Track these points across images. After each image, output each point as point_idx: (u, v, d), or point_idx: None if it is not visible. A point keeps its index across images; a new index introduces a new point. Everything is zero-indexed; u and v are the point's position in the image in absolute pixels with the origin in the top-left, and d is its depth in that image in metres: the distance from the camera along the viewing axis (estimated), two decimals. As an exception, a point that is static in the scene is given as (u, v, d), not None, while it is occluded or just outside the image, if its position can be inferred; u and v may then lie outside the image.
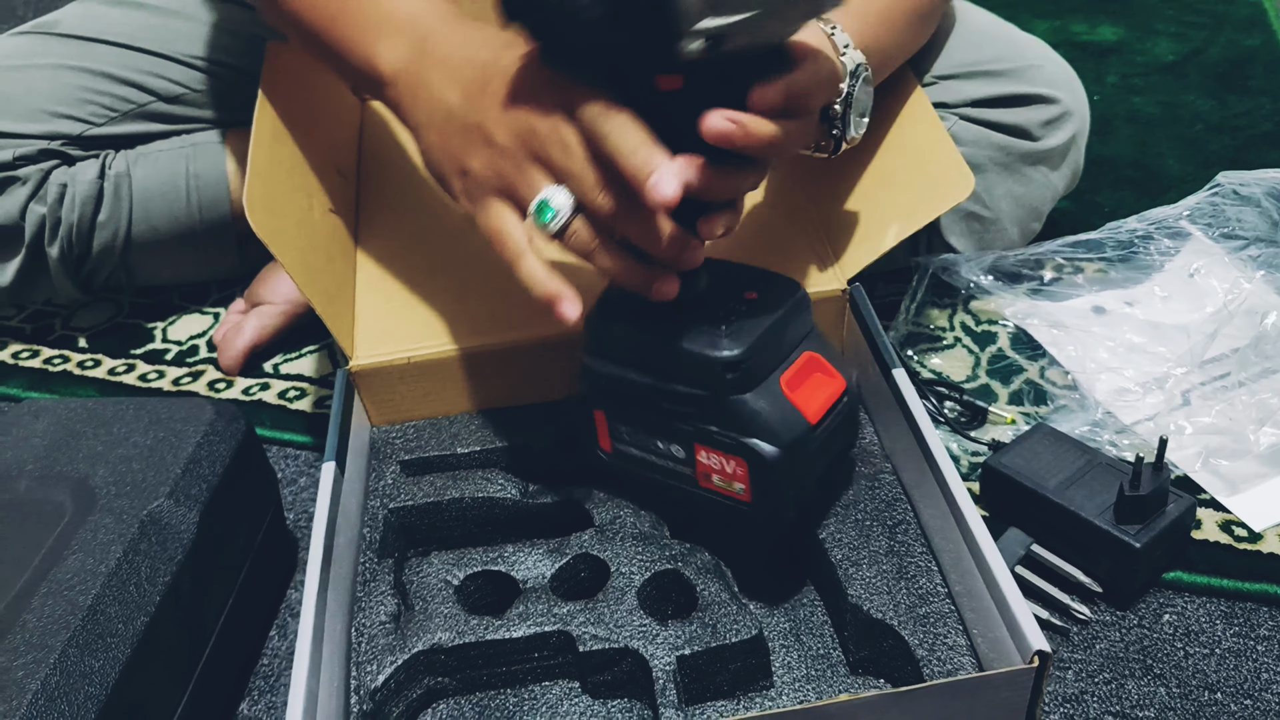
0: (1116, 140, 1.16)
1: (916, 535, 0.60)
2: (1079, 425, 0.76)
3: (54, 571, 0.57)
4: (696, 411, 0.55)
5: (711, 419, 0.54)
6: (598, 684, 0.58)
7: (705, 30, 0.44)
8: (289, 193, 0.72)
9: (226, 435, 0.67)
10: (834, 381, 0.57)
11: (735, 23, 0.44)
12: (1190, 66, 1.30)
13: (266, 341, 0.94)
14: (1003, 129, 0.85)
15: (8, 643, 0.53)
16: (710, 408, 0.54)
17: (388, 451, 0.70)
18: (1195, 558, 0.68)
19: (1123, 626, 0.65)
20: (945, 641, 0.55)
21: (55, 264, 0.94)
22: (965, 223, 0.88)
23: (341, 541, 0.61)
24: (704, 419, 0.55)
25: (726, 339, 0.53)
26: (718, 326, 0.54)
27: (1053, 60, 0.87)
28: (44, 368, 0.98)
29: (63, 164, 0.93)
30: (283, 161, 0.73)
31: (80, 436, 0.66)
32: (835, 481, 0.64)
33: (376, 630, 0.59)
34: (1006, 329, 0.87)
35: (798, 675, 0.58)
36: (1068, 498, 0.67)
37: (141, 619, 0.56)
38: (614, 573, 0.59)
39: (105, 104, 0.93)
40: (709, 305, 0.55)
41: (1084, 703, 0.61)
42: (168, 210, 0.95)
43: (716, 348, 0.53)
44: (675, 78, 0.48)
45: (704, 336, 0.54)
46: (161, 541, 0.60)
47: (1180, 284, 0.85)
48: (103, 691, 0.53)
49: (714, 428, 0.54)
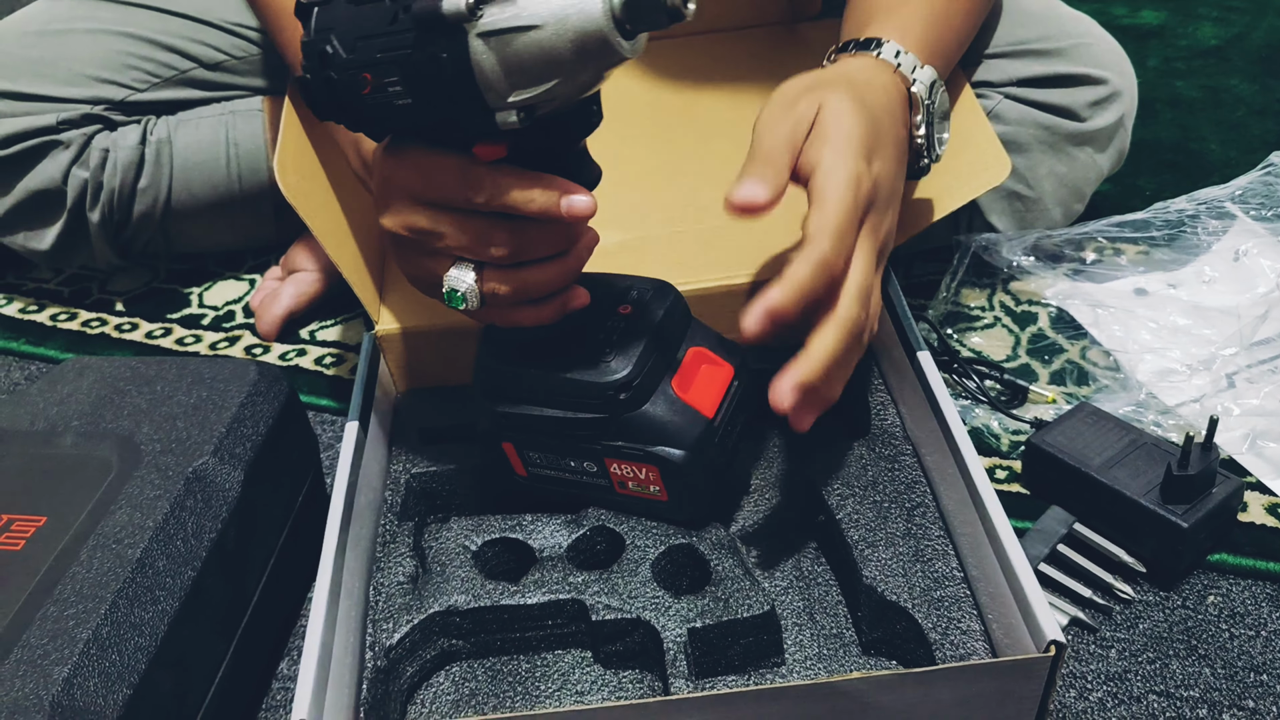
0: (1158, 124, 1.15)
1: (935, 518, 0.60)
2: (1121, 406, 0.75)
3: (102, 525, 0.57)
4: (599, 432, 0.57)
5: (615, 435, 0.56)
6: (609, 654, 0.58)
7: (515, 103, 0.45)
8: (322, 158, 0.72)
9: (270, 396, 0.67)
10: (722, 370, 0.59)
11: (540, 92, 0.45)
12: (1233, 51, 1.29)
13: (303, 308, 0.95)
14: (1049, 109, 0.84)
15: (58, 593, 0.53)
16: (612, 426, 0.56)
17: (412, 417, 0.70)
18: (1240, 540, 0.68)
19: (1167, 607, 0.64)
20: (959, 626, 0.55)
21: (96, 229, 0.94)
22: (1007, 202, 0.87)
23: (363, 502, 0.61)
24: (608, 436, 0.57)
25: (614, 361, 0.55)
26: (602, 350, 0.55)
27: (1102, 38, 0.86)
28: (82, 330, 0.99)
29: (105, 129, 0.93)
30: (316, 127, 0.73)
31: (124, 394, 0.66)
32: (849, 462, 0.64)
33: (394, 590, 0.60)
34: (1047, 309, 0.87)
35: (809, 653, 0.58)
36: (1112, 476, 0.66)
37: (189, 573, 0.57)
38: (629, 545, 0.60)
39: (148, 69, 0.94)
40: (589, 328, 0.57)
41: (1128, 681, 0.61)
42: (207, 177, 0.96)
43: (606, 373, 0.55)
44: (498, 147, 0.49)
45: (590, 362, 0.55)
46: (206, 499, 0.60)
47: (1226, 266, 0.84)
48: (152, 643, 0.53)
49: (619, 443, 0.57)
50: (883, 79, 0.62)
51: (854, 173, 0.52)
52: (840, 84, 0.58)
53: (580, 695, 0.57)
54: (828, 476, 0.63)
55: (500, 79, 0.45)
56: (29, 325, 1.00)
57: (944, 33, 0.68)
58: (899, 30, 0.65)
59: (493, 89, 0.45)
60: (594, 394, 0.55)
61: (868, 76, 0.61)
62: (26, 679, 0.49)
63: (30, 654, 0.51)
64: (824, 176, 0.52)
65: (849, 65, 0.63)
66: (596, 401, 0.55)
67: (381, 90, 0.47)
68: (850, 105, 0.55)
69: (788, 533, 0.64)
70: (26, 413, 0.66)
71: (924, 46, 0.65)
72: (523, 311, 0.54)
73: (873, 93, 0.59)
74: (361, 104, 0.48)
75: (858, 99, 0.56)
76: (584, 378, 0.55)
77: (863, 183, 0.53)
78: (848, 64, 0.63)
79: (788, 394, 0.50)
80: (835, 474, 0.63)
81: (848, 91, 0.56)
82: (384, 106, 0.48)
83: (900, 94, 0.62)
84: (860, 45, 0.64)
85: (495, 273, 0.52)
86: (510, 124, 0.46)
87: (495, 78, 0.45)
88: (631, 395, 0.55)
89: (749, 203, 0.51)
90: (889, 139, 0.58)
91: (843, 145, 0.53)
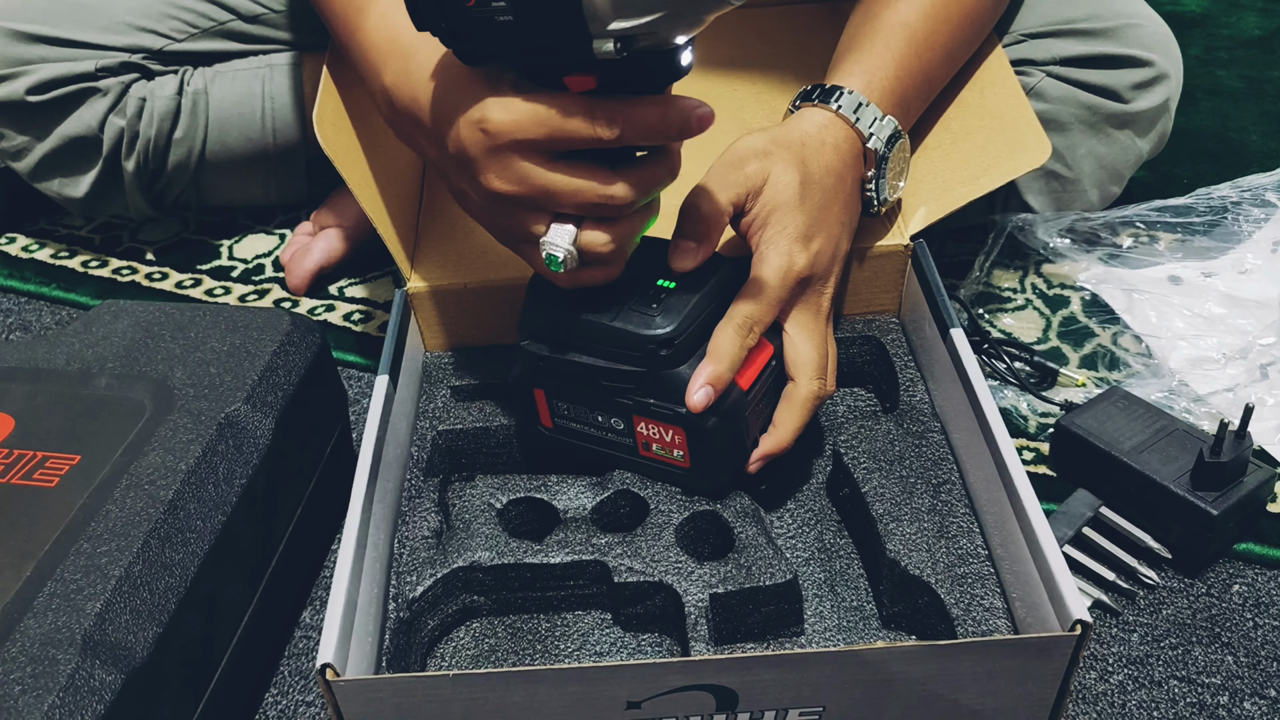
0: (1198, 113, 1.13)
1: (960, 495, 0.60)
2: (1152, 392, 0.75)
3: (134, 466, 0.58)
4: (634, 386, 0.57)
5: (648, 392, 0.57)
6: (630, 616, 0.58)
7: (616, 31, 0.45)
8: (360, 113, 0.72)
9: (302, 346, 0.67)
10: (764, 348, 0.59)
11: (644, 24, 0.44)
12: (1276, 42, 1.27)
13: (333, 264, 0.95)
14: (1091, 89, 0.83)
15: (91, 530, 0.54)
16: (646, 382, 0.56)
17: (439, 376, 0.71)
18: (1269, 530, 0.67)
19: (1191, 594, 0.64)
20: (981, 603, 0.55)
21: (130, 178, 0.95)
22: (1044, 181, 0.86)
23: (390, 456, 0.62)
24: (641, 393, 0.57)
25: (659, 316, 0.56)
26: (649, 305, 0.56)
27: (1150, 19, 0.85)
28: (112, 277, 0.99)
29: (142, 78, 0.93)
30: (354, 87, 0.72)
31: (159, 339, 0.67)
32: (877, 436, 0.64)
33: (419, 544, 0.60)
34: (1080, 293, 0.86)
35: (829, 624, 0.58)
36: (1142, 461, 0.66)
37: (219, 517, 0.57)
38: (653, 510, 0.60)
39: (186, 20, 0.93)
40: (641, 283, 0.57)
41: (1149, 665, 0.60)
42: (242, 130, 0.96)
43: (650, 326, 0.55)
44: (589, 78, 0.48)
45: (637, 315, 0.56)
46: (238, 445, 0.60)
47: (1265, 256, 0.83)
48: (182, 584, 0.54)
49: (651, 400, 0.57)
50: (836, 137, 0.64)
51: (783, 263, 0.58)
52: (791, 152, 0.61)
53: (599, 656, 0.58)
54: (854, 450, 0.63)
55: (606, 3, 0.44)
56: (61, 271, 1.01)
57: (916, 76, 0.69)
58: (866, 76, 0.66)
59: (596, 14, 0.44)
60: (635, 345, 0.55)
61: (822, 137, 0.63)
62: (60, 612, 0.50)
63: (64, 588, 0.51)
64: (757, 262, 0.59)
65: (806, 122, 0.64)
66: (637, 354, 0.56)
67: (485, 3, 0.46)
68: (793, 191, 0.60)
69: (812, 504, 0.64)
70: (62, 352, 0.66)
71: (889, 95, 0.67)
72: (606, 269, 0.55)
73: (825, 155, 0.63)
74: (465, 15, 0.47)
75: (804, 175, 0.60)
76: (629, 328, 0.55)
77: (795, 266, 0.59)
78: (806, 119, 0.65)
79: (755, 466, 0.60)
80: (862, 448, 0.63)
81: (797, 167, 0.60)
82: (485, 22, 0.47)
83: (854, 150, 0.65)
84: (824, 94, 0.66)
85: (598, 227, 0.52)
86: (606, 53, 0.45)
87: (601, 1, 0.44)
88: (672, 353, 0.55)
89: (682, 268, 0.57)
90: (836, 207, 0.62)
91: (777, 234, 0.59)
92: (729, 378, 0.56)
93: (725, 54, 0.91)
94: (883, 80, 0.67)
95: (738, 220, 0.61)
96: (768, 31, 0.94)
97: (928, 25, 0.69)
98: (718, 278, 0.58)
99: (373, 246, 0.95)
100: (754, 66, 0.90)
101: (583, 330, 0.57)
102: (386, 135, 0.74)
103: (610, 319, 0.56)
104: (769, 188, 0.60)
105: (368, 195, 0.68)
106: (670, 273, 0.58)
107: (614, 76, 0.48)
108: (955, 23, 0.71)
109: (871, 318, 0.72)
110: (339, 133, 0.68)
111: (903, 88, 0.68)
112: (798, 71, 0.88)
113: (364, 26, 0.61)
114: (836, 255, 0.62)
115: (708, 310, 0.57)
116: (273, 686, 0.63)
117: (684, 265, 0.57)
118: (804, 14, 0.95)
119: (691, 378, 0.55)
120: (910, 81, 0.69)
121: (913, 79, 0.69)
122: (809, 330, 0.60)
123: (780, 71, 0.89)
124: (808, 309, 0.60)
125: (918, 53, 0.69)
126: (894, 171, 0.67)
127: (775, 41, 0.92)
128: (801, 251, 0.59)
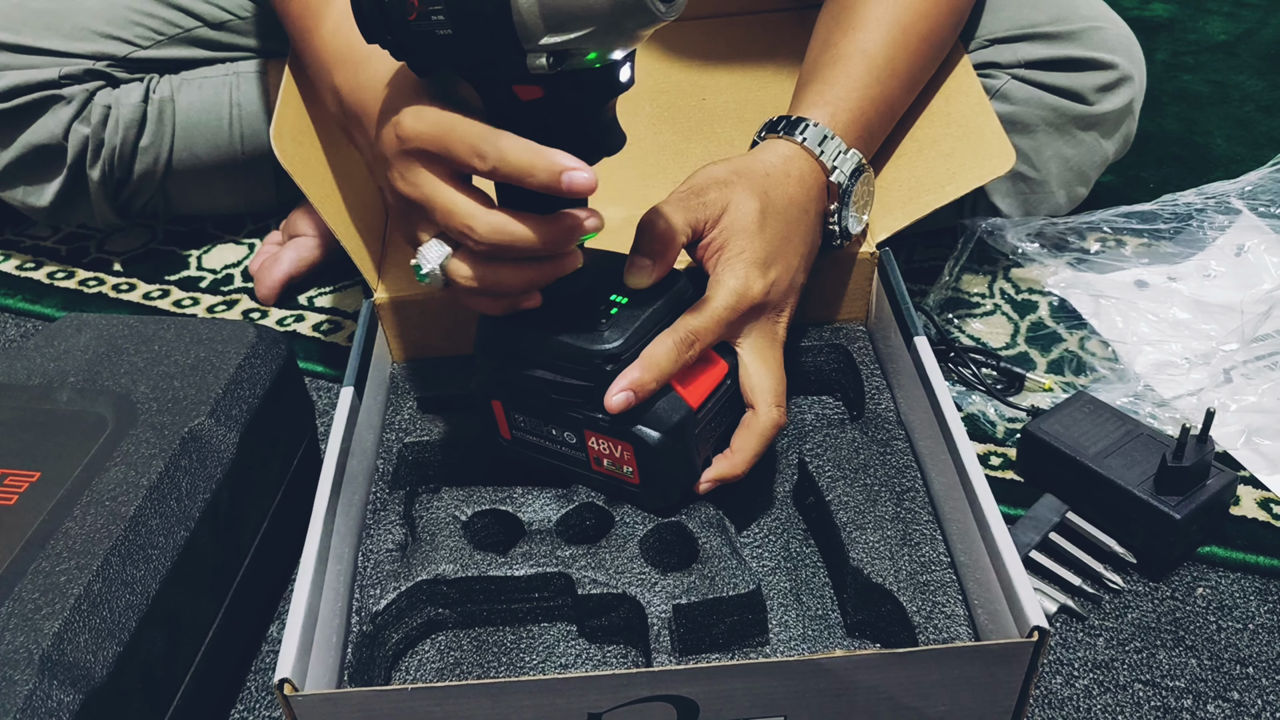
0: (1164, 117, 1.14)
1: (924, 503, 0.60)
2: (1118, 397, 0.75)
3: (95, 482, 0.57)
4: (584, 401, 0.57)
5: (598, 408, 0.57)
6: (594, 628, 0.58)
7: (548, 46, 0.46)
8: (324, 122, 0.72)
9: (268, 359, 0.67)
10: (716, 366, 0.59)
11: (574, 39, 0.45)
12: (1242, 46, 1.28)
13: (303, 274, 0.94)
14: (1057, 91, 0.84)
15: (50, 548, 0.53)
16: (595, 397, 0.56)
17: (406, 387, 0.70)
18: (1232, 533, 0.68)
19: (1155, 597, 0.65)
20: (943, 610, 0.55)
21: (96, 187, 0.94)
22: (1011, 183, 0.87)
23: (355, 468, 0.61)
24: (591, 408, 0.57)
25: (607, 331, 0.56)
26: (599, 320, 0.56)
27: (1112, 22, 0.85)
28: (79, 289, 0.98)
29: (107, 86, 0.92)
30: (315, 94, 0.72)
31: (122, 352, 0.66)
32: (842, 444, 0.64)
33: (383, 556, 0.60)
34: (1048, 298, 0.87)
35: (794, 634, 0.58)
36: (1107, 466, 0.66)
37: (181, 533, 0.57)
38: (618, 522, 0.60)
39: (152, 26, 0.93)
40: (593, 298, 0.58)
41: (1114, 670, 0.61)
42: (209, 138, 0.95)
43: (598, 341, 0.55)
44: (535, 89, 0.49)
45: (586, 331, 0.56)
46: (201, 459, 0.60)
47: (1229, 261, 0.84)
48: (143, 601, 0.53)
49: (599, 415, 0.57)
50: (800, 169, 0.64)
51: (739, 285, 0.58)
52: (754, 182, 0.61)
53: (564, 668, 0.58)
54: (820, 459, 0.63)
55: (536, 19, 0.45)
56: (26, 282, 1.00)
57: (878, 104, 0.69)
58: (830, 108, 0.67)
59: (527, 29, 0.45)
60: (583, 361, 0.56)
61: (786, 169, 0.63)
62: (17, 632, 0.49)
63: (21, 607, 0.51)
64: (712, 283, 0.59)
65: (770, 153, 0.64)
66: (585, 369, 0.56)
67: (425, 18, 0.47)
68: (753, 218, 0.60)
69: (779, 512, 0.64)
70: (23, 367, 0.65)
71: (853, 125, 0.67)
72: (478, 299, 0.55)
73: (789, 187, 0.63)
74: (407, 30, 0.49)
75: (765, 204, 0.60)
76: (576, 344, 0.56)
77: (750, 291, 0.59)
78: (771, 150, 0.65)
79: (705, 487, 0.59)
80: (827, 456, 0.63)
81: (758, 196, 0.60)
82: (426, 36, 0.48)
83: (818, 183, 0.65)
84: (789, 126, 0.66)
85: (467, 258, 0.53)
86: (539, 67, 0.46)
87: (531, 17, 0.45)
88: (618, 368, 0.56)
89: (636, 284, 0.57)
90: (796, 239, 0.62)
91: (734, 258, 0.59)
92: (652, 386, 0.56)
93: (694, 64, 0.92)
94: (847, 112, 0.67)
95: (694, 246, 0.60)
96: (736, 40, 0.94)
97: (887, 52, 0.70)
98: (671, 294, 0.58)
99: (342, 255, 0.94)
100: (723, 77, 0.90)
101: (534, 343, 0.57)
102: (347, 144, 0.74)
103: (559, 333, 0.56)
104: (728, 215, 0.60)
105: (331, 208, 0.68)
106: (625, 289, 0.58)
107: (557, 91, 0.49)
108: (914, 49, 0.71)
109: (839, 326, 0.73)
110: (300, 145, 0.68)
111: (866, 118, 0.68)
112: (767, 81, 0.88)
113: (319, 30, 0.62)
114: (793, 286, 0.62)
115: (658, 327, 0.57)
116: (238, 703, 0.62)
117: (638, 282, 0.57)
118: (773, 22, 0.96)
119: (615, 380, 0.55)
120: (873, 110, 0.69)
121: (875, 107, 0.69)
122: (765, 357, 0.60)
123: (749, 82, 0.89)
124: (764, 336, 0.60)
125: (879, 80, 0.69)
126: (858, 204, 0.67)
127: (744, 51, 0.92)
128: (759, 277, 0.59)
